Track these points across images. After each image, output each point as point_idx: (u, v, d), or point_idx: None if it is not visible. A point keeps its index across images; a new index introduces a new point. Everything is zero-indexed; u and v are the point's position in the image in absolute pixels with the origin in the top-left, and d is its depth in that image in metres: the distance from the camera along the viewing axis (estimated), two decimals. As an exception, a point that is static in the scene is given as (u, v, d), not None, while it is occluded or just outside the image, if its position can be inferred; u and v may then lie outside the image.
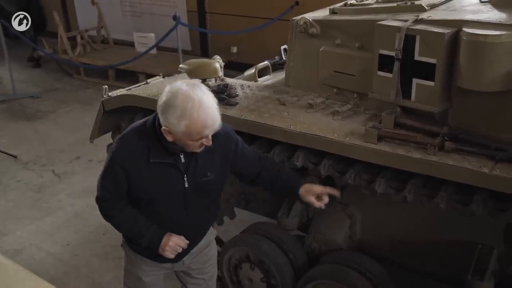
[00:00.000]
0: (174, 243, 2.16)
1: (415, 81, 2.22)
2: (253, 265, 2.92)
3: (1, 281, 1.63)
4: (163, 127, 1.96)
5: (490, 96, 2.09)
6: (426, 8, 2.40)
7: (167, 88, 1.96)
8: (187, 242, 2.20)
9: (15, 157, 5.45)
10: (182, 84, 1.94)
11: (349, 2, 2.75)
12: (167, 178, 2.08)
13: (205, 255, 2.44)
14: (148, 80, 3.19)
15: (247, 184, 2.54)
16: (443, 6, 2.45)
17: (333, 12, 2.70)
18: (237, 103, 2.71)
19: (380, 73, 2.32)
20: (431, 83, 2.18)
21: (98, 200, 2.20)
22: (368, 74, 2.39)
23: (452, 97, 2.23)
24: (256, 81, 3.26)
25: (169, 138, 1.98)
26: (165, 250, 2.16)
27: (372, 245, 2.87)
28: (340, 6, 2.74)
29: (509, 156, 1.98)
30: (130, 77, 6.99)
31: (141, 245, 2.20)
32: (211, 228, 2.45)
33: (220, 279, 3.19)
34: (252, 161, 2.30)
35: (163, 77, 3.28)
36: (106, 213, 2.21)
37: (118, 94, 3.09)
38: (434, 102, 2.20)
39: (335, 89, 2.67)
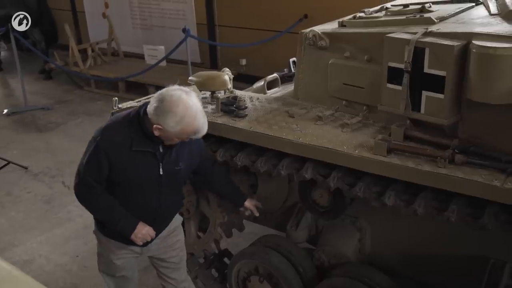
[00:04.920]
0: (146, 232, 2.44)
1: (424, 93, 2.22)
2: (262, 278, 2.90)
3: (10, 293, 1.64)
4: (155, 125, 2.21)
5: (500, 108, 2.07)
6: (435, 20, 2.39)
7: (167, 93, 2.21)
8: (155, 233, 2.49)
9: (26, 168, 5.50)
10: (181, 93, 2.21)
11: (358, 15, 2.76)
12: (146, 165, 2.33)
13: (171, 240, 2.69)
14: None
15: (200, 185, 2.92)
16: (452, 19, 2.45)
17: (342, 25, 2.71)
18: (246, 115, 2.71)
19: (389, 85, 2.32)
20: (441, 96, 2.17)
21: (79, 184, 2.38)
22: (377, 86, 2.39)
23: (462, 109, 2.22)
24: (265, 93, 3.27)
25: (157, 133, 2.24)
26: (137, 237, 2.42)
27: (382, 259, 2.85)
28: (349, 19, 2.74)
29: (521, 169, 1.96)
30: (140, 89, 7.05)
31: (115, 229, 2.43)
32: (177, 215, 2.72)
33: (228, 292, 3.18)
34: (208, 161, 2.68)
35: (173, 89, 3.29)
36: (85, 197, 2.40)
37: (128, 106, 3.11)
38: (443, 114, 2.18)
39: (344, 102, 2.66)
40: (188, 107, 2.18)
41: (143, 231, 2.43)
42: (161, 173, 2.36)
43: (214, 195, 2.97)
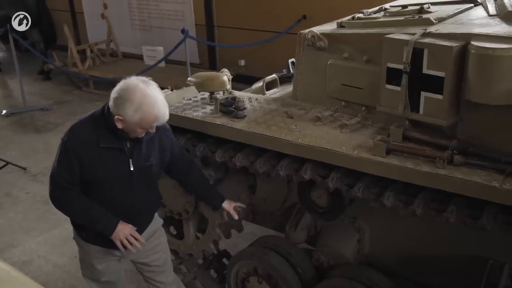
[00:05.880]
0: (128, 231, 2.39)
1: (423, 94, 2.22)
2: (261, 278, 2.90)
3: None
4: (116, 116, 2.21)
5: (499, 109, 2.08)
6: (434, 21, 2.40)
7: (124, 84, 2.24)
8: (139, 239, 2.43)
9: (25, 169, 5.49)
10: (138, 81, 2.23)
11: (356, 16, 2.76)
12: (115, 162, 2.33)
13: (153, 243, 2.65)
14: (157, 93, 3.20)
15: (180, 184, 2.86)
16: (451, 20, 2.46)
17: (340, 25, 2.71)
18: (245, 116, 2.71)
19: (388, 86, 2.32)
20: (440, 96, 2.17)
21: (53, 189, 2.37)
22: (376, 87, 2.39)
23: (461, 110, 2.22)
24: (264, 94, 3.27)
25: (119, 126, 2.24)
26: (117, 237, 2.37)
27: (381, 259, 2.85)
28: (348, 19, 2.75)
29: (519, 169, 1.96)
30: (139, 89, 7.03)
31: (95, 230, 2.39)
32: (157, 217, 2.71)
33: (227, 293, 3.18)
34: (182, 159, 2.65)
35: (172, 90, 3.30)
36: (61, 201, 2.38)
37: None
38: (442, 115, 2.19)
39: (343, 102, 2.67)
40: (145, 94, 2.19)
41: (125, 230, 2.38)
42: (131, 169, 2.35)
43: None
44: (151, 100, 2.20)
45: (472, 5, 2.70)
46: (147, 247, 2.61)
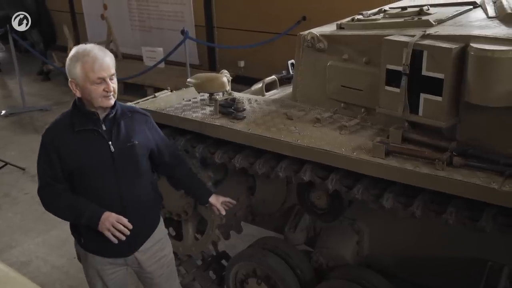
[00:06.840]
0: (113, 218, 2.28)
1: (422, 96, 2.22)
2: (260, 280, 2.90)
3: (8, 295, 1.63)
4: (70, 80, 2.23)
5: (498, 111, 2.08)
6: (433, 23, 2.40)
7: None
8: (127, 225, 2.29)
9: (23, 169, 5.49)
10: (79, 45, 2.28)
11: (356, 17, 2.76)
12: (94, 145, 2.29)
13: (158, 254, 2.56)
14: (156, 94, 3.21)
15: (168, 179, 2.75)
16: (450, 22, 2.46)
17: (340, 27, 2.71)
18: (244, 117, 2.71)
19: (388, 88, 2.32)
20: (439, 98, 2.17)
21: (40, 189, 2.37)
22: (376, 88, 2.39)
23: (460, 112, 2.22)
24: (263, 95, 3.27)
25: (78, 94, 2.25)
26: (104, 226, 2.26)
27: (380, 261, 2.85)
28: (347, 21, 2.75)
29: (519, 171, 1.96)
30: (138, 90, 7.05)
31: (82, 224, 2.32)
32: (162, 226, 2.60)
33: (226, 294, 3.18)
34: (169, 151, 2.55)
35: (171, 91, 3.30)
36: (48, 200, 2.36)
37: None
38: (442, 117, 2.19)
39: (342, 104, 2.67)
40: (81, 46, 2.24)
41: (110, 218, 2.26)
42: (112, 150, 2.29)
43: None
44: (87, 49, 2.21)
45: (472, 7, 2.70)
46: (153, 259, 2.53)
